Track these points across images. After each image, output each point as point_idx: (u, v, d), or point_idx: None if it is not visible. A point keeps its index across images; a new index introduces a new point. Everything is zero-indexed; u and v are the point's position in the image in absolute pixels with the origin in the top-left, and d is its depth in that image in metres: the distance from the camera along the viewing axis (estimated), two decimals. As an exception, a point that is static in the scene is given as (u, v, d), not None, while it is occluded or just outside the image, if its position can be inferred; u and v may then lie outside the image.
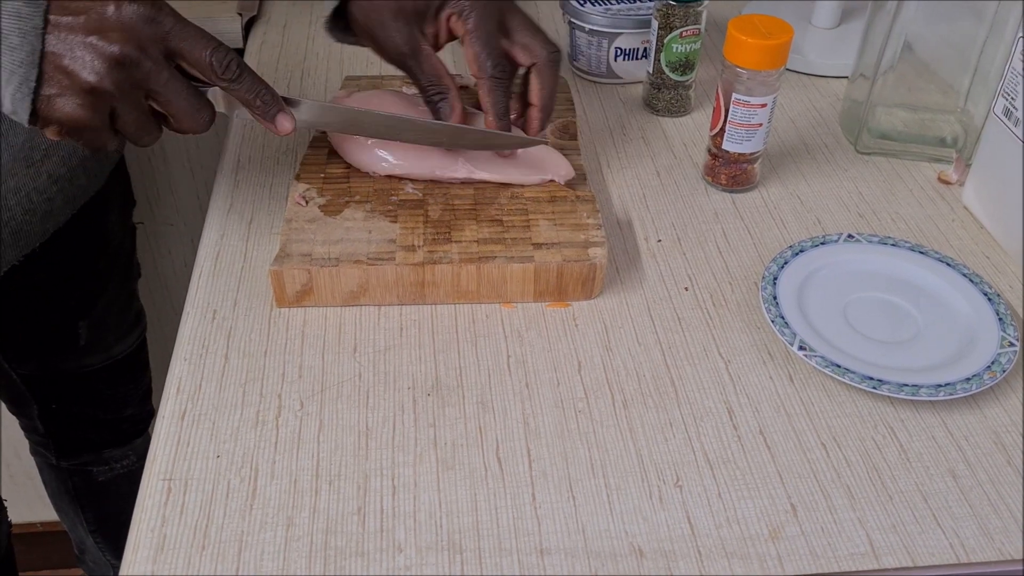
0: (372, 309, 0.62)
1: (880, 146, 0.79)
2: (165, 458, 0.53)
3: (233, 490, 0.51)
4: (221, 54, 0.53)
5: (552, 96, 0.68)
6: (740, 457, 0.54)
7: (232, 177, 0.74)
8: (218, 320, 0.61)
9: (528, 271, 0.62)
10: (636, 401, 0.57)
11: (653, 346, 0.60)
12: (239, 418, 0.55)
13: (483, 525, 0.50)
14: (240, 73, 0.54)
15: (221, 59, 0.53)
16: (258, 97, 0.56)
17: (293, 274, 0.61)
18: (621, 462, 0.53)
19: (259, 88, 0.56)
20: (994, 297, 0.62)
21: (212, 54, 0.52)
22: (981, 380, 0.56)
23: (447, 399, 0.56)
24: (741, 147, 0.71)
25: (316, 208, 0.65)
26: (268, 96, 0.56)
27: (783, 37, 0.67)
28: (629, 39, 0.84)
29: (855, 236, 0.67)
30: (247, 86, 0.55)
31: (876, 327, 0.61)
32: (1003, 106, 0.67)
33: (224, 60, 0.53)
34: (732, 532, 0.50)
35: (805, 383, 0.58)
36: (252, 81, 0.55)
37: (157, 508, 0.50)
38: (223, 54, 0.53)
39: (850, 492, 0.52)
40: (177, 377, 0.58)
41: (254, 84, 0.55)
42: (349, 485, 0.52)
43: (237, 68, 0.54)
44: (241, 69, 0.54)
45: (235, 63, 0.53)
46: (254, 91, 0.55)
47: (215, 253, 0.67)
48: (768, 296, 0.62)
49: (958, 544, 0.49)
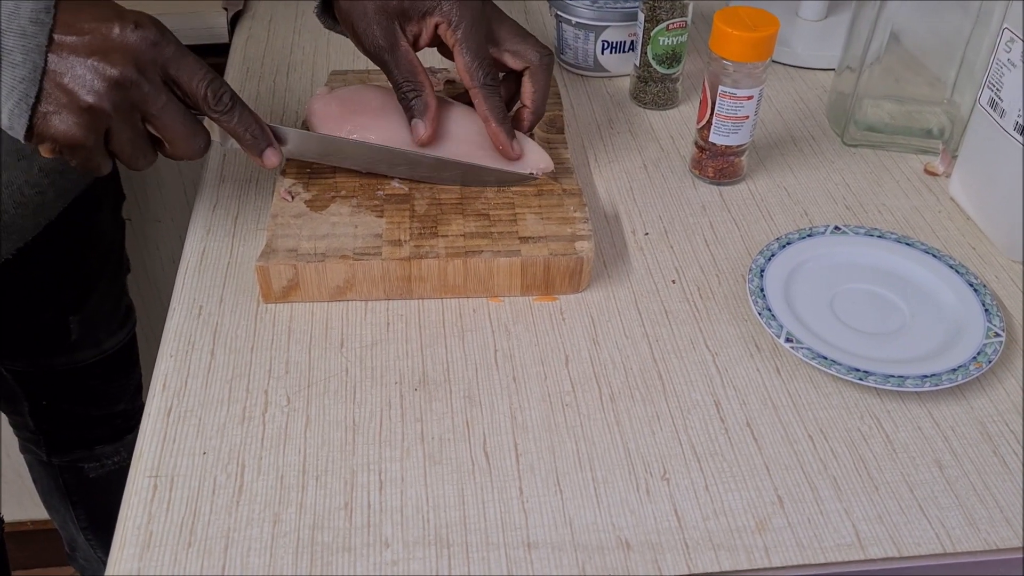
0: (359, 304, 0.62)
1: (867, 138, 0.79)
2: (151, 455, 0.53)
3: (219, 487, 0.51)
4: (216, 86, 0.54)
5: (544, 98, 0.68)
6: (727, 449, 0.54)
7: (218, 173, 0.74)
8: (204, 316, 0.61)
9: (515, 265, 0.61)
10: (623, 394, 0.57)
11: (640, 339, 0.60)
12: (225, 414, 0.55)
13: (470, 519, 0.50)
14: (232, 106, 0.55)
15: (216, 91, 0.54)
16: (248, 132, 0.57)
17: (279, 269, 0.60)
18: (608, 455, 0.53)
19: (250, 123, 0.57)
20: (980, 288, 0.62)
21: (208, 86, 0.53)
22: (967, 371, 0.57)
23: (434, 394, 0.56)
24: (728, 139, 0.71)
25: (302, 203, 0.65)
26: (258, 130, 0.57)
27: (769, 29, 0.67)
28: (615, 32, 0.84)
29: (842, 228, 0.67)
30: (238, 120, 0.56)
31: (863, 319, 0.61)
32: (989, 97, 0.68)
33: (218, 92, 0.54)
34: (719, 524, 0.50)
35: (792, 375, 0.58)
36: (243, 115, 0.56)
37: (143, 505, 0.50)
38: (218, 86, 0.54)
39: (836, 483, 0.52)
40: (163, 374, 0.57)
41: (245, 118, 0.56)
42: (336, 481, 0.52)
43: (230, 101, 0.55)
44: (234, 103, 0.55)
45: (228, 96, 0.55)
46: (244, 125, 0.57)
47: (201, 249, 0.66)
48: (755, 288, 0.62)
49: (944, 534, 0.50)
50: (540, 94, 0.67)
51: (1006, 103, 0.65)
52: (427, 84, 0.65)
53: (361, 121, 0.67)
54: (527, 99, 0.68)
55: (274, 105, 0.82)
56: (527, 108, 0.68)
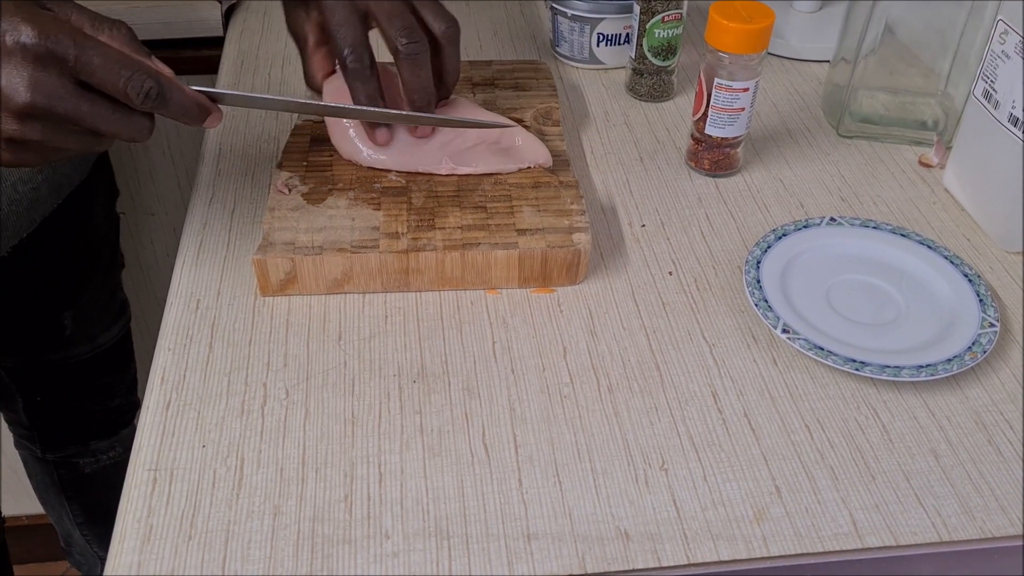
0: (356, 297, 0.62)
1: (862, 130, 0.79)
2: (150, 448, 0.53)
3: (219, 480, 0.51)
4: (136, 83, 0.48)
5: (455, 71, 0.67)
6: (725, 440, 0.54)
7: (214, 166, 0.73)
8: (202, 310, 0.61)
9: (512, 257, 0.62)
10: (621, 386, 0.57)
11: (638, 331, 0.61)
12: (224, 407, 0.55)
13: (470, 511, 0.50)
14: (160, 98, 0.49)
15: (138, 88, 0.48)
16: (184, 115, 0.52)
17: (277, 263, 0.60)
18: (607, 446, 0.53)
19: (182, 106, 0.52)
20: (975, 278, 0.63)
21: (127, 83, 0.48)
22: (962, 361, 0.57)
23: (433, 386, 0.57)
24: (724, 131, 0.71)
25: (299, 196, 0.65)
26: (193, 109, 0.53)
27: (764, 21, 0.67)
28: (611, 24, 0.84)
29: (837, 219, 0.68)
30: (173, 107, 0.51)
31: (859, 310, 0.61)
32: (983, 88, 0.68)
33: (141, 89, 0.48)
34: (717, 514, 0.50)
35: (789, 366, 0.58)
36: (173, 100, 0.51)
37: (143, 499, 0.50)
38: (139, 82, 0.48)
39: (833, 473, 0.52)
40: (161, 367, 0.57)
41: (176, 103, 0.51)
42: (336, 473, 0.52)
43: (157, 95, 0.49)
44: (162, 93, 0.49)
45: (154, 89, 0.49)
46: (178, 111, 0.52)
47: (198, 242, 0.66)
48: (752, 280, 0.62)
49: (940, 523, 0.50)
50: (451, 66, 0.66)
51: (1000, 95, 0.66)
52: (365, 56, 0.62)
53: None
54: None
55: (269, 98, 0.81)
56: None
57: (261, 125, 0.78)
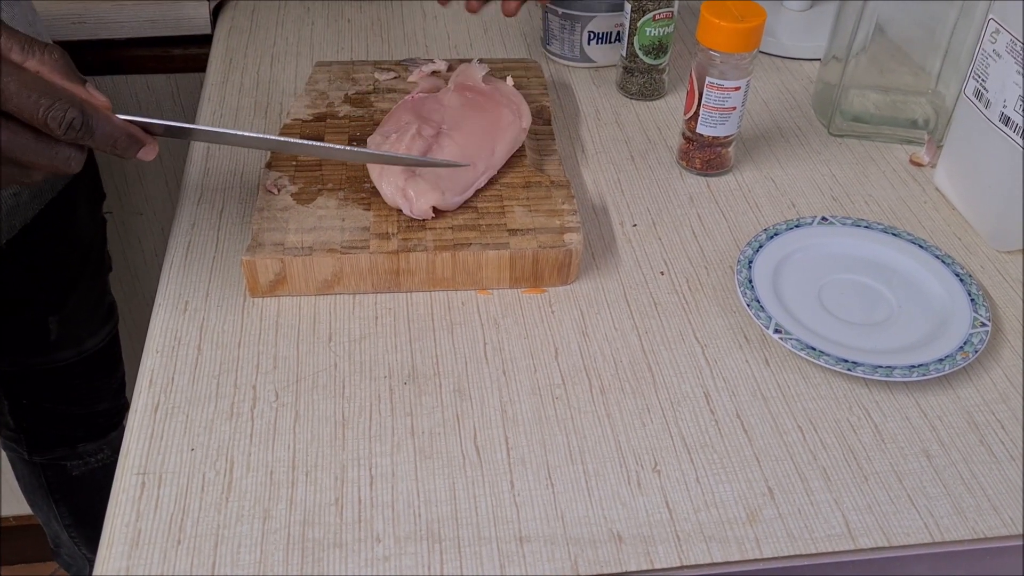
0: (347, 298, 0.62)
1: (853, 128, 0.79)
2: (139, 452, 0.52)
3: (208, 483, 0.51)
4: (59, 112, 0.45)
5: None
6: (717, 441, 0.54)
7: (202, 166, 0.73)
8: (190, 311, 0.61)
9: (503, 258, 0.61)
10: (613, 387, 0.57)
11: (630, 331, 0.60)
12: (213, 410, 0.54)
13: (462, 514, 0.50)
14: (83, 127, 0.46)
15: (59, 118, 0.45)
16: (112, 145, 0.49)
17: (266, 263, 0.60)
18: (599, 448, 0.53)
19: (110, 136, 0.48)
20: (966, 278, 0.63)
21: (47, 112, 0.45)
22: (954, 361, 0.57)
23: (424, 388, 0.56)
24: (715, 131, 0.71)
25: (288, 196, 0.65)
26: (123, 140, 0.49)
27: (756, 20, 0.67)
28: (602, 22, 0.83)
29: (829, 219, 0.68)
30: (99, 139, 0.47)
31: (850, 309, 0.61)
32: (974, 87, 0.68)
33: (63, 119, 0.45)
34: (710, 516, 0.50)
35: (781, 366, 0.58)
36: (103, 131, 0.47)
37: (131, 503, 0.50)
38: (60, 111, 0.45)
39: (826, 474, 0.52)
40: (149, 370, 0.57)
41: (102, 133, 0.47)
42: (326, 476, 0.51)
43: (81, 125, 0.46)
44: (86, 124, 0.46)
45: (78, 120, 0.45)
46: (109, 142, 0.48)
47: (186, 243, 0.66)
48: (743, 280, 0.62)
49: (932, 523, 0.50)
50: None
51: (991, 94, 0.66)
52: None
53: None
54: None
55: (258, 96, 0.81)
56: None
57: (250, 124, 0.78)
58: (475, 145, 0.66)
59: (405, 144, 0.64)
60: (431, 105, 0.69)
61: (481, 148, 0.66)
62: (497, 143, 0.67)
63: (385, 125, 0.68)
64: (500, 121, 0.68)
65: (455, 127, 0.67)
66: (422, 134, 0.65)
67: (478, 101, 0.70)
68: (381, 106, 0.74)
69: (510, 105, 0.70)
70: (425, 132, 0.66)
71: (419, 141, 0.65)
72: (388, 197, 0.63)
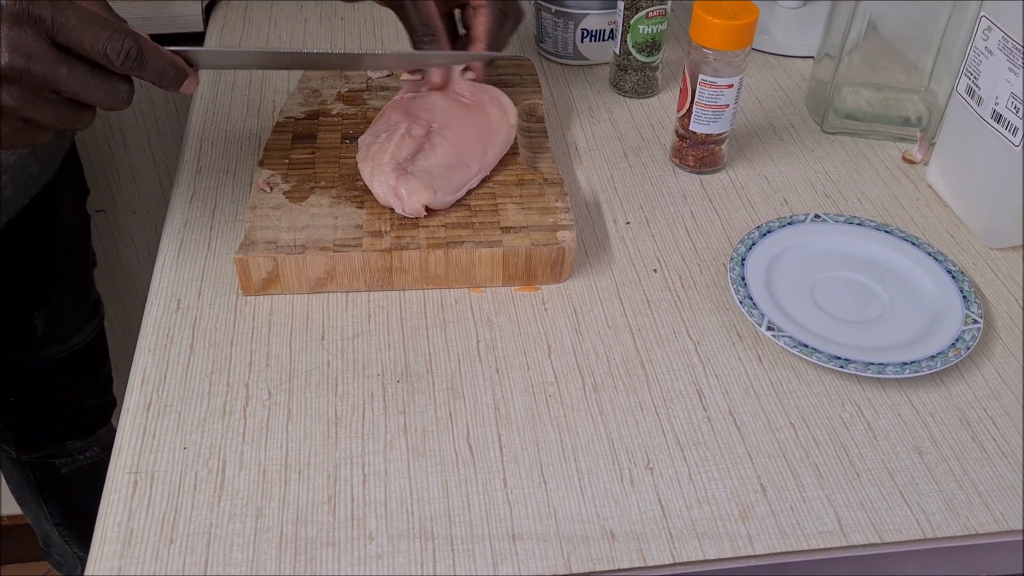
0: (339, 296, 0.62)
1: (846, 126, 0.79)
2: (131, 451, 0.52)
3: (201, 482, 0.51)
4: (116, 43, 0.47)
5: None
6: (710, 438, 0.54)
7: (194, 164, 0.73)
8: (182, 310, 0.60)
9: (496, 255, 0.61)
10: (606, 384, 0.57)
11: (623, 329, 0.60)
12: (206, 409, 0.54)
13: (454, 512, 0.50)
14: (140, 59, 0.48)
15: (117, 49, 0.47)
16: (163, 77, 0.51)
17: (258, 262, 0.60)
18: (592, 446, 0.53)
19: (163, 67, 0.50)
20: (958, 275, 0.63)
21: (106, 44, 0.47)
22: (946, 357, 0.57)
23: (417, 386, 0.56)
24: (708, 128, 0.71)
25: (281, 194, 0.64)
26: (172, 72, 0.51)
27: (748, 17, 0.67)
28: (595, 20, 0.83)
29: (822, 216, 0.68)
30: (151, 71, 0.50)
31: (843, 307, 0.61)
32: (966, 85, 0.68)
33: (121, 50, 0.47)
34: (703, 513, 0.50)
35: (774, 363, 0.58)
36: (156, 63, 0.50)
37: (123, 502, 0.50)
38: (118, 43, 0.47)
39: (818, 471, 0.52)
40: (142, 368, 0.57)
41: (154, 65, 0.50)
42: (319, 474, 0.51)
43: (136, 56, 0.48)
44: (141, 54, 0.48)
45: (134, 50, 0.48)
46: (159, 73, 0.50)
47: (178, 242, 0.66)
48: (736, 277, 0.62)
49: (924, 520, 0.50)
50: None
51: (983, 91, 0.66)
52: (442, 31, 0.67)
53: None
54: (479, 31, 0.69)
55: (251, 94, 0.81)
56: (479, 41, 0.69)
57: (243, 122, 0.77)
58: (468, 145, 0.66)
59: (395, 143, 0.64)
60: (420, 104, 0.69)
61: (473, 148, 0.66)
62: (489, 144, 0.67)
63: (375, 124, 0.68)
64: (489, 121, 0.68)
65: (445, 126, 0.67)
66: (412, 133, 0.65)
67: (465, 101, 0.70)
68: (374, 104, 0.74)
69: (495, 103, 0.70)
70: (415, 131, 0.65)
71: (409, 140, 0.65)
72: (380, 196, 0.62)
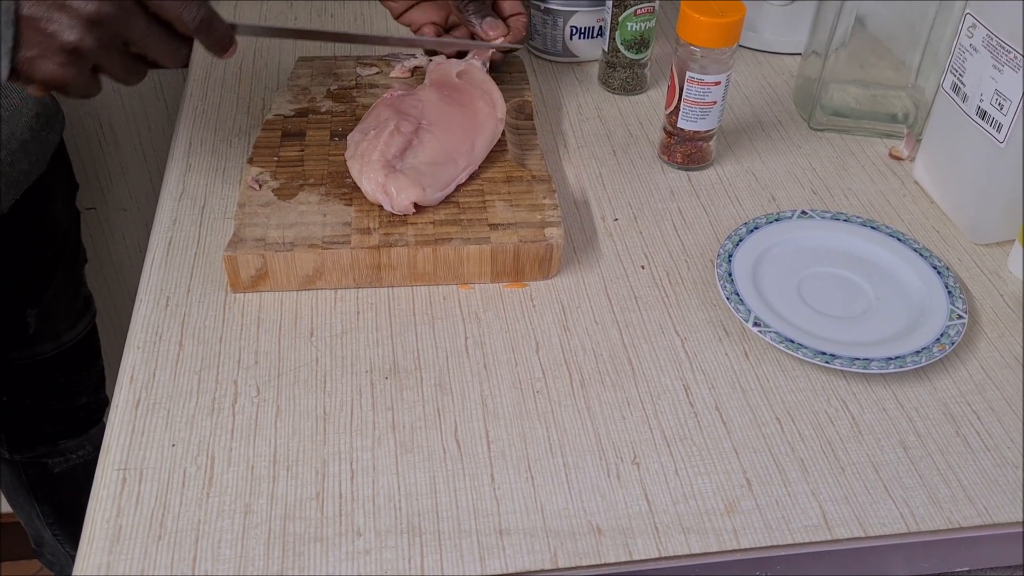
0: (328, 293, 0.62)
1: (833, 123, 0.80)
2: (120, 448, 0.52)
3: (189, 478, 0.51)
4: (193, 8, 0.53)
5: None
6: (697, 433, 0.54)
7: (184, 161, 0.73)
8: (171, 307, 0.61)
9: (485, 252, 0.61)
10: (594, 380, 0.57)
11: (610, 325, 0.61)
12: (194, 406, 0.55)
13: (442, 507, 0.50)
14: (210, 24, 0.54)
15: (193, 12, 0.53)
16: (220, 43, 0.56)
17: (247, 259, 0.60)
18: (579, 441, 0.53)
19: (223, 35, 0.56)
20: (943, 271, 0.63)
21: (183, 7, 0.52)
22: (930, 353, 0.57)
23: (405, 382, 0.56)
24: (696, 125, 0.72)
25: (270, 192, 0.65)
26: (227, 40, 0.57)
27: (736, 15, 0.67)
28: (584, 17, 0.84)
29: (808, 212, 0.68)
30: (214, 36, 0.55)
31: (829, 302, 0.62)
32: (951, 82, 0.68)
33: (196, 14, 0.53)
34: (689, 508, 0.50)
35: (760, 359, 0.59)
36: (219, 29, 0.55)
37: (112, 499, 0.50)
38: (194, 7, 0.53)
39: (804, 465, 0.53)
40: (131, 366, 0.57)
41: (220, 31, 0.56)
42: (307, 470, 0.51)
43: (207, 21, 0.54)
44: (211, 19, 0.54)
45: (207, 15, 0.54)
46: (219, 39, 0.56)
47: (167, 239, 0.66)
48: (723, 273, 0.62)
49: (908, 514, 0.50)
50: None
51: (968, 88, 0.66)
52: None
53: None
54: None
55: (240, 92, 0.81)
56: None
57: (232, 120, 0.77)
58: (455, 140, 0.66)
59: (383, 140, 0.64)
60: (409, 101, 0.69)
61: (461, 143, 0.66)
62: (477, 138, 0.67)
63: (364, 122, 0.68)
64: (477, 116, 0.68)
65: (434, 122, 0.67)
66: (401, 130, 0.65)
67: (454, 96, 0.70)
68: (363, 101, 0.74)
69: (484, 96, 0.70)
70: (404, 128, 0.66)
71: (398, 137, 0.65)
72: (369, 194, 0.63)
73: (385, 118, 0.67)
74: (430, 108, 0.69)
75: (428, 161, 0.65)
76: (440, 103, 0.69)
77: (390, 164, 0.63)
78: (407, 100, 0.70)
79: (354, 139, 0.67)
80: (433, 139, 0.66)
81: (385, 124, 0.66)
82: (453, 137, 0.66)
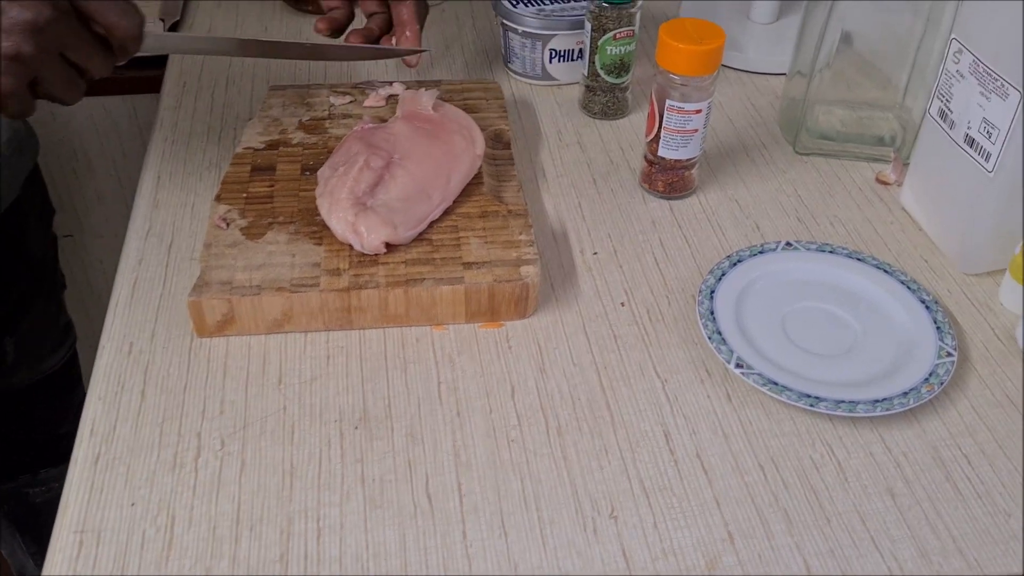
0: (298, 336, 0.60)
1: (819, 146, 0.78)
2: (78, 507, 0.50)
3: (148, 540, 0.49)
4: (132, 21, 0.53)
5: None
6: (676, 483, 0.52)
7: (152, 196, 0.71)
8: (135, 354, 0.59)
9: (458, 293, 0.59)
10: (571, 427, 0.55)
11: (588, 367, 0.59)
12: (156, 460, 0.53)
13: (412, 567, 0.48)
14: (138, 41, 0.54)
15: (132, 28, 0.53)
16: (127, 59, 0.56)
17: (212, 304, 0.58)
18: (555, 493, 0.52)
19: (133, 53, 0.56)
20: (932, 305, 0.61)
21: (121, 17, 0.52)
22: (919, 394, 0.56)
23: (375, 432, 0.54)
24: (677, 153, 0.70)
25: (237, 231, 0.63)
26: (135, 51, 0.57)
27: (715, 41, 0.65)
28: (563, 40, 0.82)
29: (793, 244, 0.66)
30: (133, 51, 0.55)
31: (814, 339, 0.60)
32: (938, 108, 0.66)
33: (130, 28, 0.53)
34: (668, 565, 0.48)
35: (743, 401, 0.57)
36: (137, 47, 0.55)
37: (68, 563, 0.48)
38: (134, 19, 0.53)
39: (788, 516, 0.51)
40: (91, 418, 0.55)
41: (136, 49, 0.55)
42: (271, 530, 0.49)
43: (138, 36, 0.54)
44: (140, 36, 0.54)
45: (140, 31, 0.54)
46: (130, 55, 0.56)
47: (132, 280, 0.64)
48: (705, 311, 0.60)
49: (896, 567, 0.49)
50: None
51: (955, 114, 0.64)
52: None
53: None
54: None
55: (211, 121, 0.79)
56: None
57: (203, 151, 0.75)
58: (430, 175, 0.64)
59: (353, 176, 0.62)
60: (381, 134, 0.67)
61: (436, 178, 0.64)
62: (452, 173, 0.65)
63: (335, 156, 0.66)
64: (453, 149, 0.66)
65: (407, 156, 0.65)
66: (371, 165, 0.63)
67: (428, 129, 0.68)
68: (336, 132, 0.72)
69: (462, 131, 0.68)
70: (374, 163, 0.64)
71: (367, 172, 0.63)
72: (339, 233, 0.61)
73: (355, 152, 0.65)
74: (402, 141, 0.67)
75: (400, 197, 0.63)
76: (413, 136, 0.67)
77: (360, 201, 0.61)
78: (378, 133, 0.68)
79: (324, 175, 0.65)
80: (405, 174, 0.64)
81: (355, 159, 0.64)
82: (426, 171, 0.65)
